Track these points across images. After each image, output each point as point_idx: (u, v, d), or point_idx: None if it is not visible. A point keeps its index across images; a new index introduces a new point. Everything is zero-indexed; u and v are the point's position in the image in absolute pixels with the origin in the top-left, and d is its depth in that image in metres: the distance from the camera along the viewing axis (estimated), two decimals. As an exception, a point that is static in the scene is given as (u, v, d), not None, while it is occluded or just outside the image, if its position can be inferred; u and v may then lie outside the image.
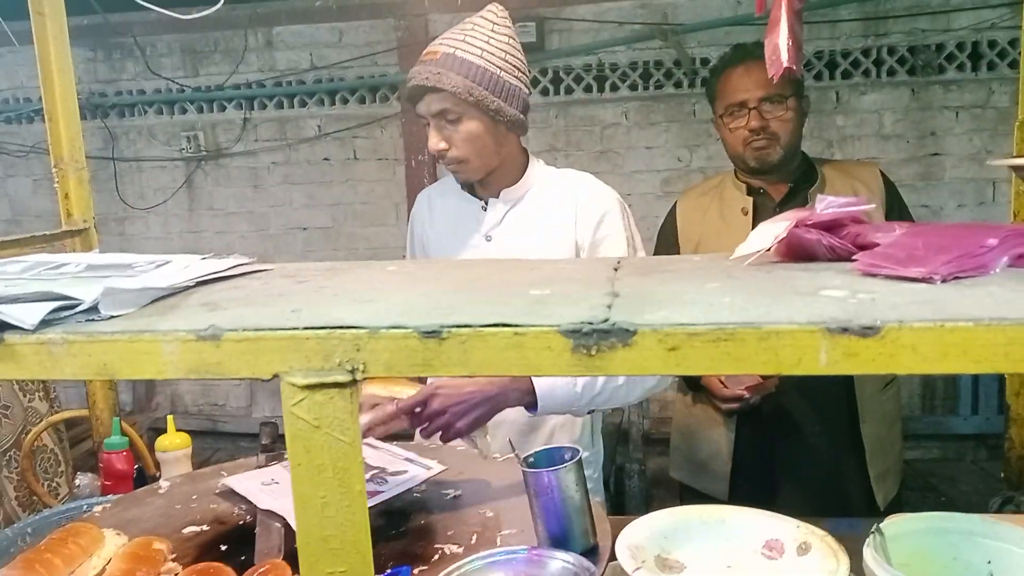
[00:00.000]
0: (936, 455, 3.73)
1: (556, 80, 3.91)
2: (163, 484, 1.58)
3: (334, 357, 0.56)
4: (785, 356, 0.53)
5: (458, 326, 0.55)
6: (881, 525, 1.13)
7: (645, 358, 0.54)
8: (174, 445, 1.74)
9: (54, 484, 2.05)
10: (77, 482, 1.77)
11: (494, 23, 1.65)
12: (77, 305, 0.63)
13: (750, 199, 2.02)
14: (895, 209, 2.00)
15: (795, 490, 1.91)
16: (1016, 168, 0.85)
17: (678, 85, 3.79)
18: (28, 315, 0.59)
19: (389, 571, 0.79)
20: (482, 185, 1.74)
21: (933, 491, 3.45)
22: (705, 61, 3.69)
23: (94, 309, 0.62)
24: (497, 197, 1.73)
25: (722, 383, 1.93)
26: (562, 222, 1.70)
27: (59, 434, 2.10)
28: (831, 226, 0.75)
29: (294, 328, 0.57)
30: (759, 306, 0.57)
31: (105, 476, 1.71)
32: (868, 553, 1.07)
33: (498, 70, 1.60)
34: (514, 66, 1.65)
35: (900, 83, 3.64)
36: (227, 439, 3.81)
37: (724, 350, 0.53)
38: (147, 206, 4.24)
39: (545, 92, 3.92)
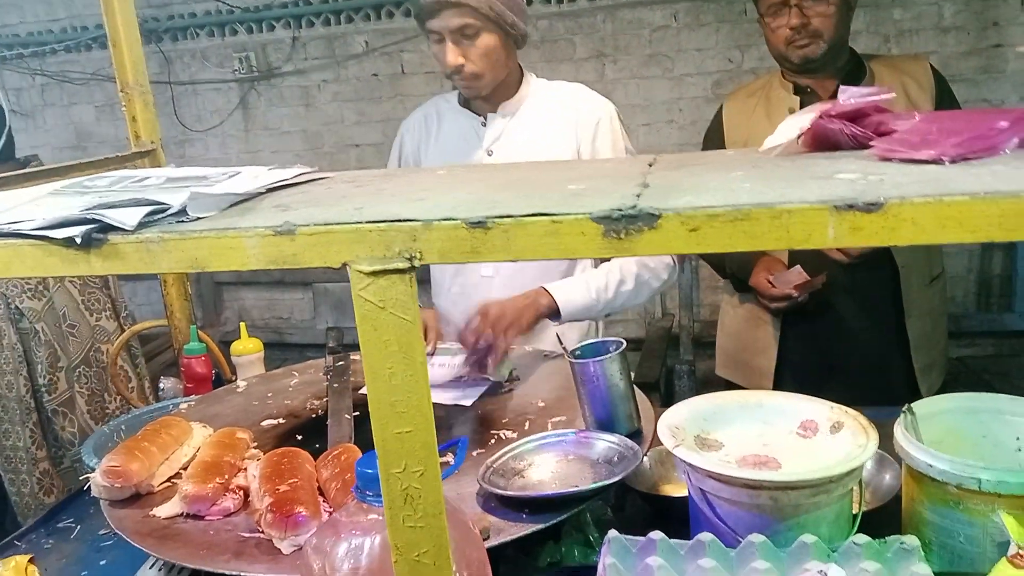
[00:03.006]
0: (991, 352, 3.72)
1: (602, -17, 3.85)
2: (240, 384, 1.72)
3: (394, 246, 0.64)
4: (796, 232, 0.58)
5: (501, 216, 0.62)
6: (912, 405, 1.20)
7: (669, 239, 0.60)
8: (248, 350, 1.87)
9: (132, 396, 2.21)
10: (162, 386, 1.93)
11: None
12: (167, 209, 0.71)
13: (797, 98, 2.01)
14: (945, 102, 1.98)
15: (840, 384, 1.97)
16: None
17: (728, -17, 3.70)
18: (128, 218, 0.68)
19: (449, 441, 0.88)
20: (480, 100, 1.79)
21: (987, 387, 3.47)
22: (756, -44, 3.57)
23: (182, 212, 0.71)
24: (495, 112, 1.79)
25: (770, 283, 1.98)
26: (561, 132, 1.77)
27: (130, 351, 2.25)
28: (854, 116, 0.78)
29: (358, 222, 0.65)
30: (775, 189, 0.62)
31: (187, 379, 1.86)
32: (899, 431, 1.14)
33: None
34: None
35: (961, -29, 3.50)
36: (294, 350, 4.00)
37: (740, 229, 0.59)
38: (204, 128, 4.35)
39: (591, -4, 3.86)
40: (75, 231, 0.67)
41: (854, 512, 1.13)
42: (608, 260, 1.79)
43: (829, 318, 2.01)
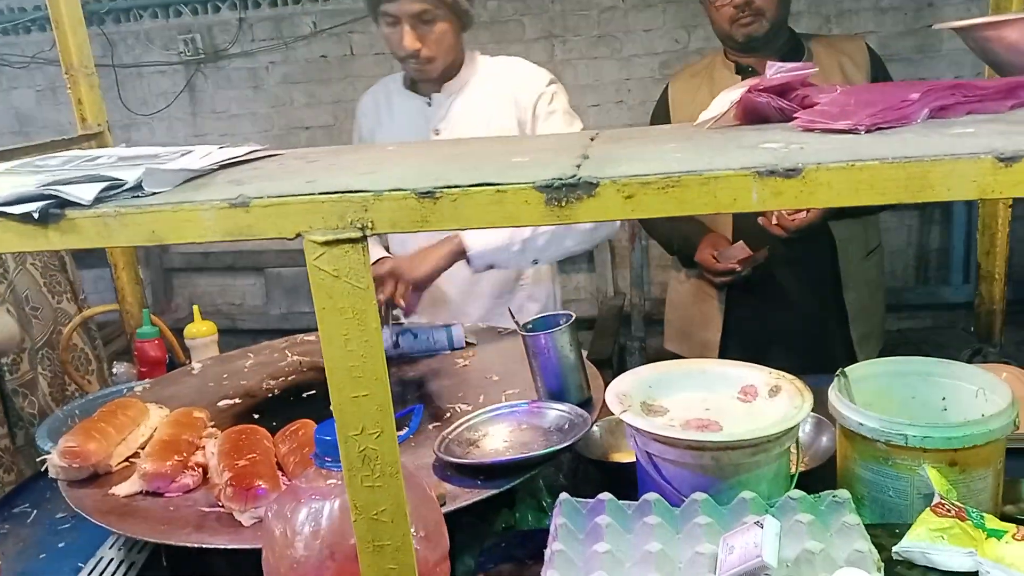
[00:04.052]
0: (929, 323, 3.86)
1: (551, -35, 3.87)
2: (195, 366, 1.73)
3: (347, 217, 0.67)
4: (723, 197, 0.63)
5: (449, 187, 0.66)
6: (845, 369, 1.26)
7: (606, 206, 0.64)
8: (201, 332, 1.88)
9: (86, 380, 2.20)
10: (114, 370, 1.92)
11: None
12: (123, 185, 0.73)
13: (739, 77, 2.07)
14: (880, 79, 2.05)
15: (782, 354, 2.04)
16: (958, 30, 0.92)
17: (674, -36, 3.75)
18: (85, 193, 0.70)
19: (404, 410, 0.92)
20: (426, 83, 1.83)
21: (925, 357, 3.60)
22: (701, -62, 3.63)
23: (137, 188, 0.73)
24: (439, 92, 1.82)
25: (714, 258, 2.04)
26: (503, 107, 1.81)
27: (89, 334, 2.24)
28: (781, 90, 0.83)
29: (312, 194, 0.67)
30: (704, 158, 0.66)
31: (140, 363, 1.86)
32: (832, 393, 1.20)
33: None
34: None
35: (898, -47, 3.60)
36: (246, 335, 3.97)
37: (672, 195, 0.63)
38: (150, 112, 4.28)
39: (540, -23, 3.89)
40: (32, 207, 0.69)
41: (792, 472, 1.19)
42: None
43: (771, 291, 2.08)
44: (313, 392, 1.53)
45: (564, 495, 1.08)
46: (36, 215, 0.69)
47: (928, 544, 0.98)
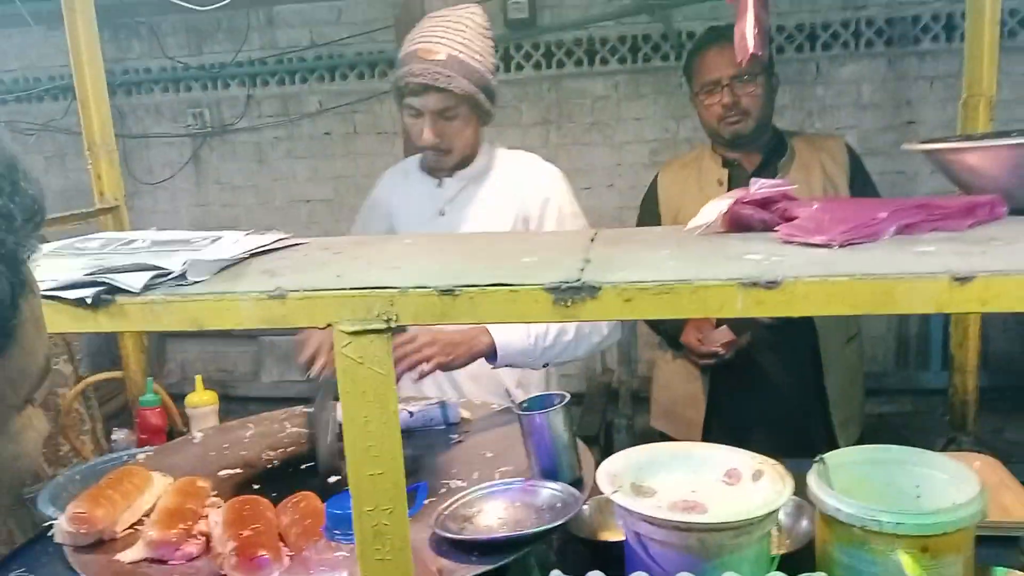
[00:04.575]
0: (909, 408, 3.93)
1: (548, 54, 4.05)
2: (196, 435, 1.77)
3: (374, 310, 0.74)
4: (711, 304, 0.71)
5: (467, 286, 0.73)
6: (825, 455, 1.33)
7: (607, 307, 0.72)
8: (203, 401, 1.92)
9: (79, 441, 2.22)
10: (114, 437, 1.96)
11: (481, 25, 1.81)
12: (168, 274, 0.80)
13: (725, 171, 2.19)
14: (859, 177, 2.17)
15: (764, 436, 2.09)
16: (928, 152, 1.02)
17: (665, 58, 3.94)
18: (134, 281, 0.77)
19: (409, 487, 0.97)
20: (439, 169, 1.90)
21: (904, 442, 3.66)
22: (691, 35, 3.83)
23: (181, 276, 0.80)
24: (451, 177, 1.91)
25: (699, 341, 2.12)
26: (508, 200, 1.89)
27: (85, 395, 2.27)
28: (765, 202, 0.92)
29: (342, 288, 0.75)
30: (694, 268, 0.75)
31: (141, 430, 1.89)
32: (811, 479, 1.26)
33: (490, 75, 1.79)
34: (495, 67, 1.83)
35: (877, 54, 3.79)
36: (236, 403, 4.00)
37: (666, 300, 0.71)
38: (155, 181, 4.39)
39: (538, 66, 4.06)
40: (85, 292, 0.76)
41: (772, 555, 1.24)
42: None
43: (754, 374, 2.15)
44: (312, 464, 1.58)
45: (556, 572, 1.12)
46: (89, 300, 0.76)
47: (902, 627, 1.03)
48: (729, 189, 2.18)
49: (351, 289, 0.75)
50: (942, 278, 0.68)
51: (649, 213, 2.30)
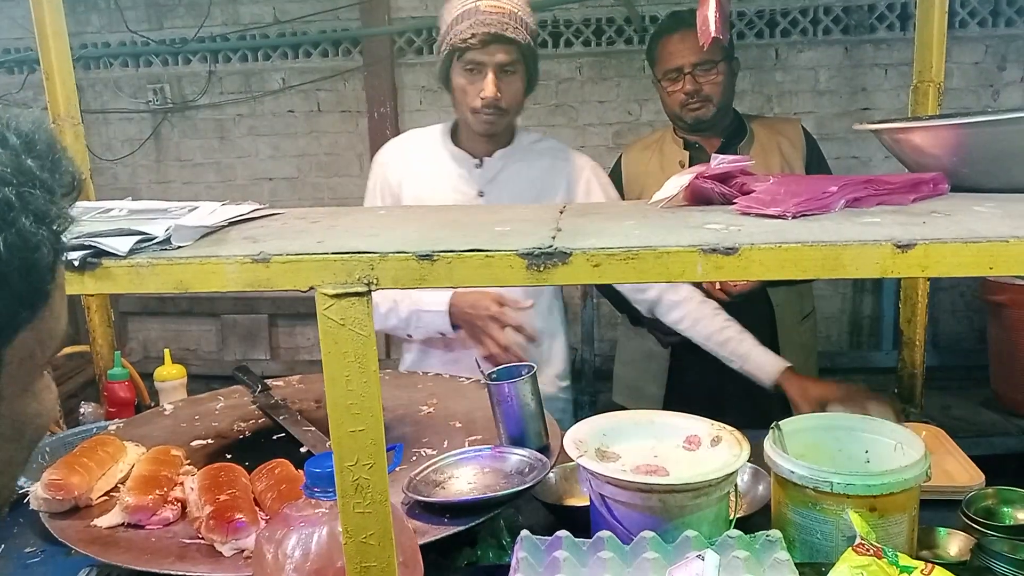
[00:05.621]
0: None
1: (513, 36, 4.07)
2: (167, 407, 1.79)
3: (355, 274, 0.77)
4: (674, 268, 0.75)
5: (445, 251, 0.77)
6: (779, 422, 1.39)
7: (577, 272, 0.76)
8: (171, 375, 1.94)
9: (49, 417, 2.22)
10: (82, 410, 1.96)
11: None
12: (152, 239, 0.83)
13: (687, 153, 2.25)
14: (814, 159, 2.25)
15: (722, 410, 2.16)
16: (877, 132, 1.08)
17: (628, 42, 3.98)
18: (120, 245, 0.79)
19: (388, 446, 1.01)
20: (479, 145, 1.90)
21: (856, 419, 3.78)
22: (654, 19, 3.87)
23: (166, 241, 0.83)
24: (490, 156, 1.90)
25: (662, 318, 2.18)
26: (549, 187, 1.91)
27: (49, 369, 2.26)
28: (724, 177, 0.97)
29: (324, 253, 0.78)
30: (658, 235, 0.79)
31: (109, 403, 1.90)
32: (767, 444, 1.33)
33: (535, 44, 1.82)
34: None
35: (834, 41, 3.88)
36: (199, 381, 3.96)
37: (632, 265, 0.75)
38: (115, 157, 4.32)
39: (502, 47, 4.08)
40: (72, 255, 0.78)
41: (730, 516, 1.31)
42: None
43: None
44: (282, 435, 1.61)
45: (525, 532, 1.17)
46: (76, 263, 0.78)
47: (849, 579, 1.10)
48: (691, 170, 2.24)
49: (333, 254, 0.78)
50: (886, 245, 0.73)
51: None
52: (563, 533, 1.17)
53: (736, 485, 1.40)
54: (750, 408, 2.21)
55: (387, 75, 4.08)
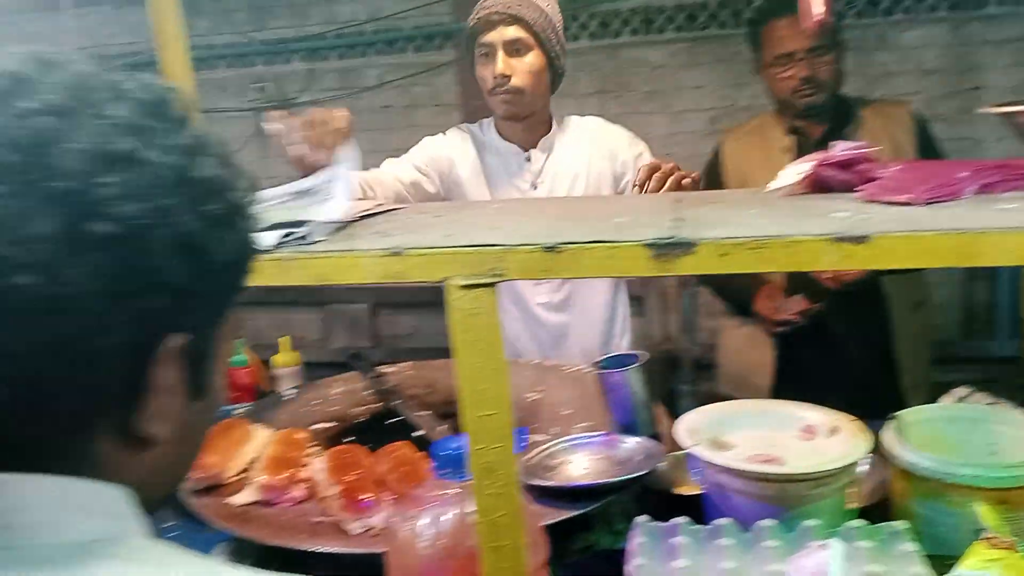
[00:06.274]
0: (978, 376, 3.88)
1: (604, 24, 4.06)
2: (288, 392, 1.88)
3: (484, 265, 0.81)
4: (803, 258, 0.75)
5: (569, 243, 0.79)
6: (899, 413, 1.36)
7: (703, 262, 0.77)
8: (288, 362, 2.03)
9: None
10: (207, 396, 2.08)
11: None
12: (291, 233, 0.88)
13: (791, 138, 2.20)
14: (927, 144, 2.17)
15: (833, 401, 2.11)
16: (1006, 115, 1.04)
17: (723, 26, 3.91)
18: (267, 239, 0.85)
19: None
20: (521, 136, 1.95)
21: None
22: (749, 1, 3.80)
23: (302, 236, 0.88)
24: (535, 147, 1.95)
25: (773, 309, 2.15)
26: (602, 162, 1.94)
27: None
28: (846, 164, 0.96)
29: (455, 246, 0.81)
30: (785, 224, 0.79)
31: (232, 388, 2.01)
32: (887, 435, 1.31)
33: (559, 25, 1.85)
34: (561, 24, 1.88)
35: (941, 19, 3.72)
36: (306, 368, 4.14)
37: (760, 255, 0.76)
38: (223, 155, 4.53)
39: (594, 36, 4.07)
40: (225, 251, 0.84)
41: (849, 508, 1.29)
42: None
43: (823, 340, 2.18)
44: (396, 419, 1.67)
45: (642, 517, 1.19)
46: (229, 258, 0.84)
47: (980, 573, 1.07)
48: (796, 157, 2.19)
49: (463, 247, 0.81)
50: (1025, 232, 0.71)
51: (713, 180, 2.32)
52: (681, 519, 1.18)
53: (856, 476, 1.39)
54: (861, 399, 2.16)
55: (479, 68, 4.13)
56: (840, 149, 0.95)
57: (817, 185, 0.98)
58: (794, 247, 0.75)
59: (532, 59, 1.83)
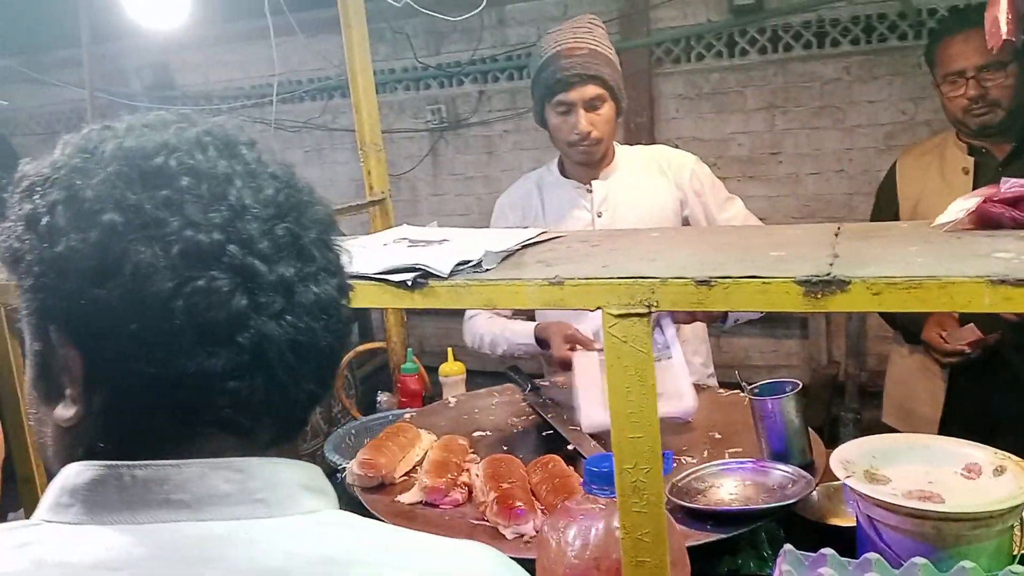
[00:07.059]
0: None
1: (775, 38, 3.98)
2: (451, 400, 2.00)
3: (637, 296, 0.86)
4: (958, 299, 0.76)
5: (723, 277, 0.83)
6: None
7: (856, 300, 0.79)
8: (453, 371, 2.16)
9: (349, 402, 2.55)
10: (379, 399, 2.24)
11: (602, 28, 1.96)
12: (469, 261, 0.97)
13: (971, 159, 2.10)
14: None
15: (1006, 440, 1.99)
16: None
17: (902, 37, 3.73)
18: (444, 267, 0.94)
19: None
20: (582, 170, 2.02)
21: None
22: (932, 12, 3.60)
23: (478, 264, 0.97)
24: (596, 178, 2.02)
25: (943, 338, 2.05)
26: (661, 187, 1.99)
27: (351, 365, 2.61)
28: (1016, 201, 0.94)
29: (610, 278, 0.87)
30: (943, 264, 0.80)
31: (402, 394, 2.16)
32: (1061, 480, 1.24)
33: (620, 70, 1.94)
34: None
35: None
36: (469, 375, 4.31)
37: (914, 295, 0.77)
38: (398, 172, 4.81)
39: (763, 51, 4.00)
40: (406, 276, 0.94)
41: (1015, 552, 1.23)
42: None
43: (999, 374, 2.05)
44: (550, 432, 1.74)
45: (788, 546, 1.19)
46: (409, 283, 0.94)
47: None
48: (976, 178, 2.08)
49: (618, 278, 0.87)
50: None
51: (887, 201, 2.24)
52: (828, 551, 1.18)
53: (1022, 518, 1.32)
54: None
55: (644, 86, 4.16)
56: (1009, 185, 0.93)
57: (985, 222, 0.96)
58: (950, 288, 0.75)
59: (607, 111, 1.92)
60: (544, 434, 1.75)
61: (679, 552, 1.03)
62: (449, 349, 2.22)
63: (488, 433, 1.76)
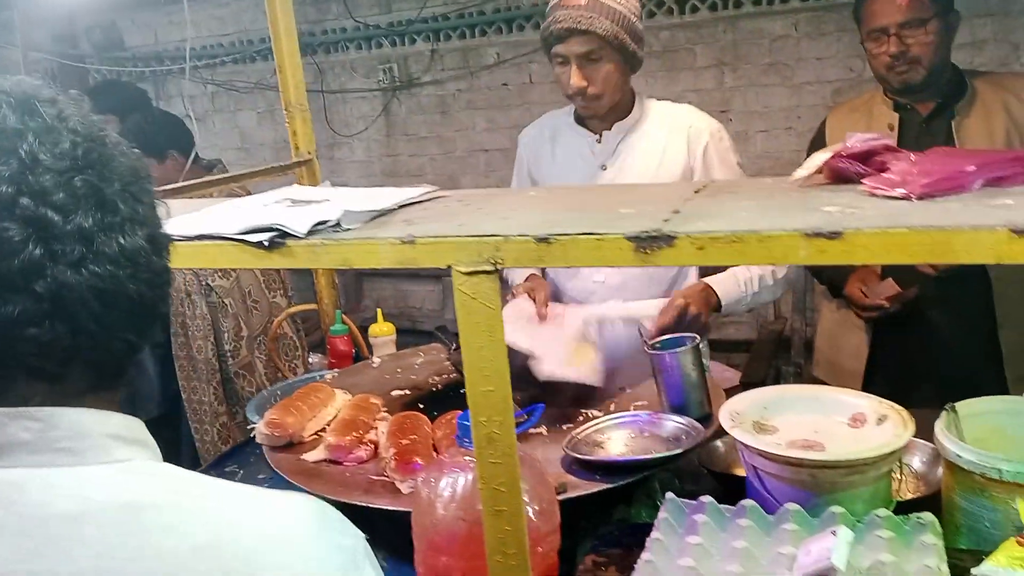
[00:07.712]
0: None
1: (725, -6, 3.96)
2: (375, 360, 2.02)
3: (484, 254, 0.88)
4: (776, 252, 0.78)
5: (559, 235, 0.85)
6: (955, 404, 1.33)
7: (682, 254, 0.81)
8: (383, 332, 2.17)
9: (293, 364, 2.58)
10: (311, 360, 2.26)
11: None
12: (327, 221, 0.98)
13: (896, 115, 2.11)
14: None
15: (929, 392, 2.03)
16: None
17: (852, -8, 3.74)
18: (300, 227, 0.95)
19: (529, 407, 1.12)
20: (597, 119, 1.96)
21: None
22: (880, -34, 3.59)
23: (338, 224, 0.98)
24: (610, 130, 1.96)
25: (863, 293, 2.08)
26: (672, 150, 1.92)
27: (296, 325, 2.62)
28: (866, 155, 0.96)
29: (459, 236, 0.89)
30: (767, 218, 0.82)
31: (331, 355, 2.18)
32: (938, 426, 1.28)
33: (633, 16, 1.82)
34: (639, 11, 1.87)
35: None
36: (423, 335, 4.32)
37: (735, 248, 0.79)
38: (351, 133, 4.78)
39: (713, 7, 3.97)
40: (263, 236, 0.95)
41: (894, 498, 1.28)
42: None
43: (920, 328, 2.09)
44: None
45: (670, 494, 1.23)
46: (266, 243, 0.95)
47: (1005, 570, 1.05)
48: (900, 134, 2.10)
49: (466, 236, 0.88)
50: (1001, 231, 0.71)
51: (816, 156, 2.26)
52: (706, 499, 1.22)
53: (904, 465, 1.37)
54: (964, 389, 2.06)
55: (596, 43, 4.13)
56: (855, 140, 0.95)
57: (836, 175, 0.98)
58: (768, 242, 0.77)
59: (606, 65, 1.83)
60: (463, 391, 1.76)
61: (547, 502, 1.06)
62: (379, 310, 2.23)
63: (406, 392, 1.79)
